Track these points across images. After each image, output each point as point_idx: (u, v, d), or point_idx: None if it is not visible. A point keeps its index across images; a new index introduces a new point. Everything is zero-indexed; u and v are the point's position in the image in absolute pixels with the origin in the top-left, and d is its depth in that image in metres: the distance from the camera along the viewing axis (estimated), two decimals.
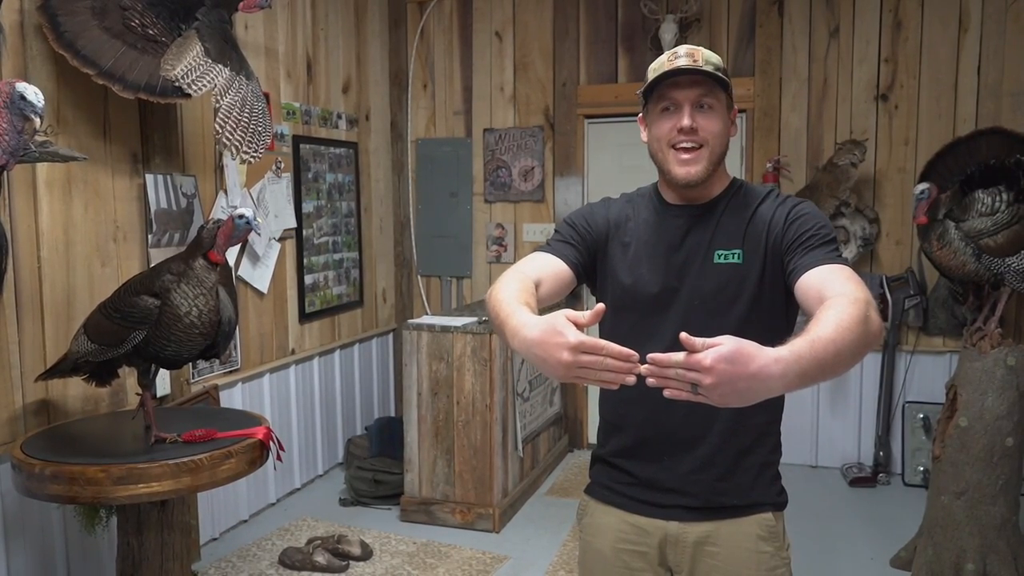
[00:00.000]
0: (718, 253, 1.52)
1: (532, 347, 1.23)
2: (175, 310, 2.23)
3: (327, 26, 4.51)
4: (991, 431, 3.03)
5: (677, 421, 1.50)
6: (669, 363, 1.10)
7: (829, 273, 1.37)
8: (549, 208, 5.03)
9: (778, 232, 1.49)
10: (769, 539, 1.54)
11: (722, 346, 1.08)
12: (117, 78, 2.71)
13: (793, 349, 1.13)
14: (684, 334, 1.10)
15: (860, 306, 1.24)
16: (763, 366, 1.09)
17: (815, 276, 1.38)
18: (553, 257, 1.59)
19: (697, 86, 1.47)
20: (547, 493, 4.32)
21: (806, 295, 1.38)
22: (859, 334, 1.20)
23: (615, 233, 1.61)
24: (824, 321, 1.21)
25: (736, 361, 1.08)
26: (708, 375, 1.07)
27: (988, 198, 3.18)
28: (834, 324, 1.19)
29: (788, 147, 4.59)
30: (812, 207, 1.53)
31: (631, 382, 1.16)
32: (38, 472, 2.12)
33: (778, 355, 1.11)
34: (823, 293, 1.32)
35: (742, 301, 1.50)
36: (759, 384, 1.10)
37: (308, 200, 4.33)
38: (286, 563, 3.40)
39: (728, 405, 1.11)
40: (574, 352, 1.17)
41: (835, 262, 1.40)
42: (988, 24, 4.26)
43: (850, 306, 1.23)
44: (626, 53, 4.81)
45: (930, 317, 4.41)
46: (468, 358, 3.78)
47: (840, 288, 1.31)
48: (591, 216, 1.65)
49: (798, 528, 1.79)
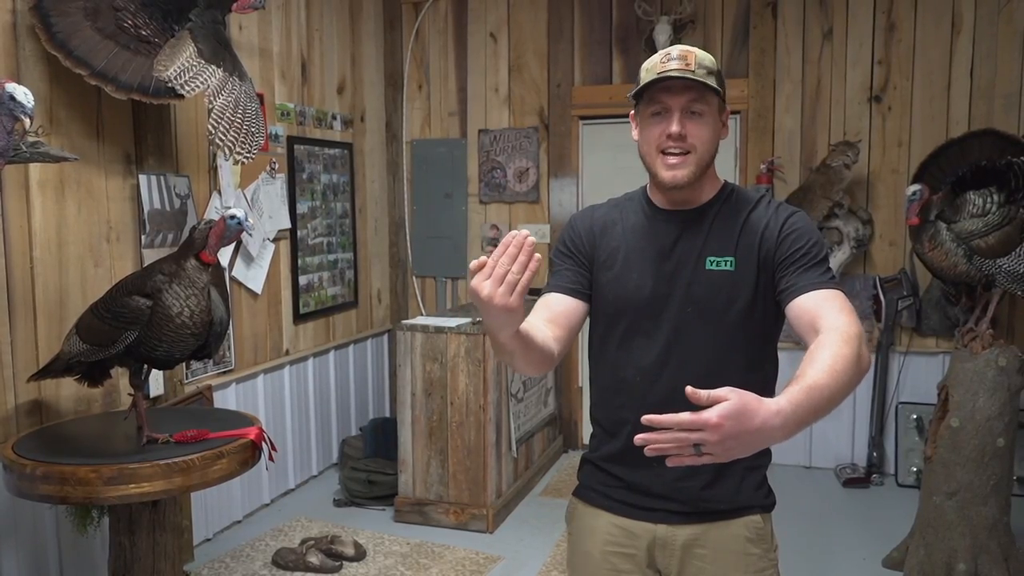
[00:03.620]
0: (710, 260, 1.51)
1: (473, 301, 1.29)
2: (167, 310, 2.23)
3: (322, 27, 4.51)
4: (982, 432, 3.04)
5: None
6: (671, 423, 1.09)
7: (823, 301, 1.39)
8: (544, 209, 5.04)
9: (771, 245, 1.49)
10: (757, 541, 1.54)
11: (728, 402, 1.09)
12: (110, 79, 2.71)
13: (792, 399, 1.16)
14: (690, 388, 1.10)
15: (853, 345, 1.28)
16: (765, 420, 1.11)
17: (809, 302, 1.40)
18: (557, 296, 1.60)
19: (688, 91, 1.46)
20: (541, 494, 4.33)
21: (799, 319, 1.41)
22: (852, 375, 1.25)
23: (601, 241, 1.60)
24: (819, 364, 1.24)
25: (741, 417, 1.09)
26: (714, 433, 1.08)
27: (979, 199, 3.19)
28: (829, 368, 1.23)
29: (782, 148, 4.60)
30: (804, 219, 1.53)
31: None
32: (29, 472, 2.12)
33: (779, 407, 1.14)
34: (816, 323, 1.36)
35: (735, 308, 1.49)
36: (762, 437, 1.12)
37: (303, 201, 4.33)
38: (279, 563, 3.40)
39: (729, 459, 1.12)
40: (472, 276, 1.23)
41: (828, 286, 1.42)
42: (981, 26, 4.27)
43: (844, 346, 1.27)
44: (621, 54, 4.82)
45: (923, 318, 4.42)
46: (462, 359, 3.78)
47: (834, 320, 1.34)
48: (574, 232, 1.64)
49: (791, 528, 1.80)
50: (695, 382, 1.46)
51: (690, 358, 1.50)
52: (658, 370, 1.51)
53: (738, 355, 1.51)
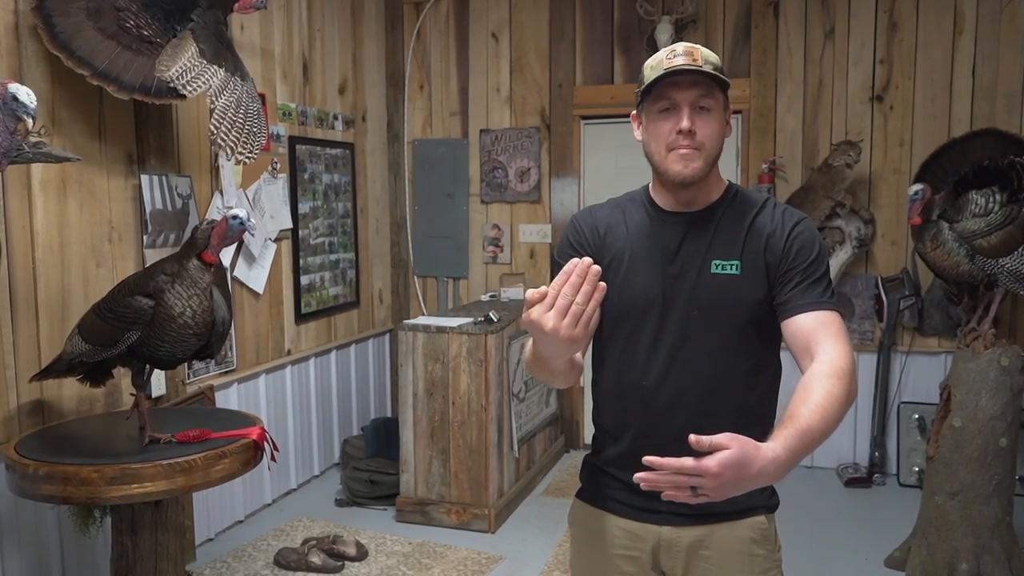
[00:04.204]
0: (715, 263, 1.49)
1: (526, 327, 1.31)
2: (169, 311, 2.23)
3: (323, 27, 4.51)
4: (985, 431, 3.04)
5: (675, 431, 1.43)
6: (673, 468, 1.15)
7: (820, 326, 1.42)
8: (545, 209, 5.04)
9: (776, 253, 1.48)
10: (762, 542, 1.54)
11: (728, 451, 1.13)
12: (112, 79, 2.71)
13: (787, 446, 1.21)
14: (693, 437, 1.14)
15: (845, 383, 1.33)
16: (762, 468, 1.17)
17: (806, 323, 1.43)
18: None
19: (696, 86, 1.44)
20: (543, 493, 4.33)
21: (794, 338, 1.44)
22: (840, 414, 1.31)
23: (605, 242, 1.57)
24: (812, 404, 1.28)
25: (740, 465, 1.14)
26: (713, 480, 1.14)
27: (982, 199, 3.18)
28: (821, 410, 1.28)
29: (784, 148, 4.60)
30: (810, 227, 1.52)
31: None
32: (32, 472, 2.12)
33: (775, 455, 1.19)
34: (811, 347, 1.40)
35: (740, 313, 1.48)
36: (756, 482, 1.19)
37: (304, 201, 4.33)
38: (281, 563, 3.40)
39: (722, 499, 1.19)
40: (529, 307, 1.25)
41: (827, 307, 1.44)
42: (983, 25, 4.27)
43: (837, 384, 1.32)
44: (622, 54, 4.81)
45: (925, 317, 4.42)
46: (464, 359, 3.78)
47: (830, 351, 1.37)
48: (579, 233, 1.61)
49: (794, 528, 1.80)
50: (699, 386, 1.49)
51: (695, 362, 1.49)
52: (663, 374, 1.50)
53: (743, 359, 1.50)
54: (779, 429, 1.25)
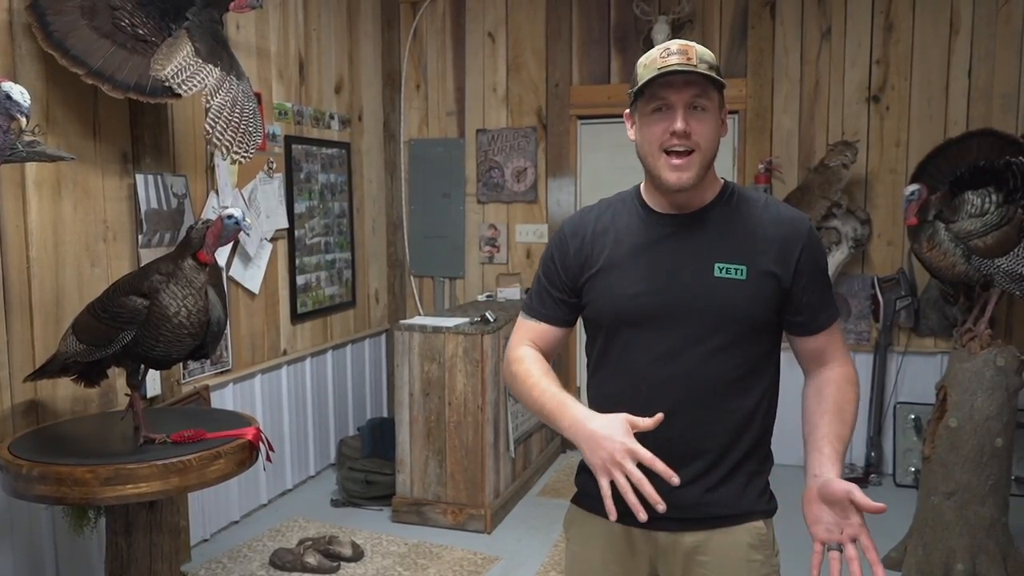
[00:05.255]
0: (719, 267, 1.45)
1: (588, 437, 1.35)
2: (164, 310, 2.22)
3: (319, 26, 4.50)
4: (981, 432, 3.04)
5: (675, 436, 1.44)
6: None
7: (830, 338, 1.55)
8: (542, 209, 5.03)
9: (789, 266, 1.47)
10: (760, 547, 1.52)
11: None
12: (107, 78, 2.70)
13: (835, 461, 1.50)
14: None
15: (855, 387, 1.54)
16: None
17: (820, 342, 1.55)
18: (539, 325, 1.60)
19: (691, 86, 1.40)
20: (539, 494, 4.32)
21: (805, 350, 1.56)
22: (857, 413, 1.54)
23: (592, 250, 1.54)
24: (840, 415, 1.51)
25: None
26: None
27: (978, 199, 3.19)
28: (844, 418, 1.51)
29: (780, 148, 4.60)
30: (814, 231, 1.52)
31: (643, 518, 1.30)
32: (25, 473, 2.11)
33: (836, 475, 1.49)
34: (823, 357, 1.55)
35: (744, 317, 1.45)
36: None
37: (300, 200, 4.32)
38: (277, 564, 3.39)
39: None
40: (624, 456, 1.30)
41: (833, 322, 1.56)
42: (979, 26, 4.27)
43: (852, 389, 1.53)
44: (619, 54, 4.81)
45: (921, 318, 4.42)
46: (460, 359, 3.78)
47: (839, 367, 1.54)
48: (562, 250, 1.58)
49: (790, 529, 1.79)
50: (700, 391, 1.47)
51: (696, 367, 1.46)
52: (663, 380, 1.47)
53: (742, 364, 1.47)
54: (827, 448, 1.49)
